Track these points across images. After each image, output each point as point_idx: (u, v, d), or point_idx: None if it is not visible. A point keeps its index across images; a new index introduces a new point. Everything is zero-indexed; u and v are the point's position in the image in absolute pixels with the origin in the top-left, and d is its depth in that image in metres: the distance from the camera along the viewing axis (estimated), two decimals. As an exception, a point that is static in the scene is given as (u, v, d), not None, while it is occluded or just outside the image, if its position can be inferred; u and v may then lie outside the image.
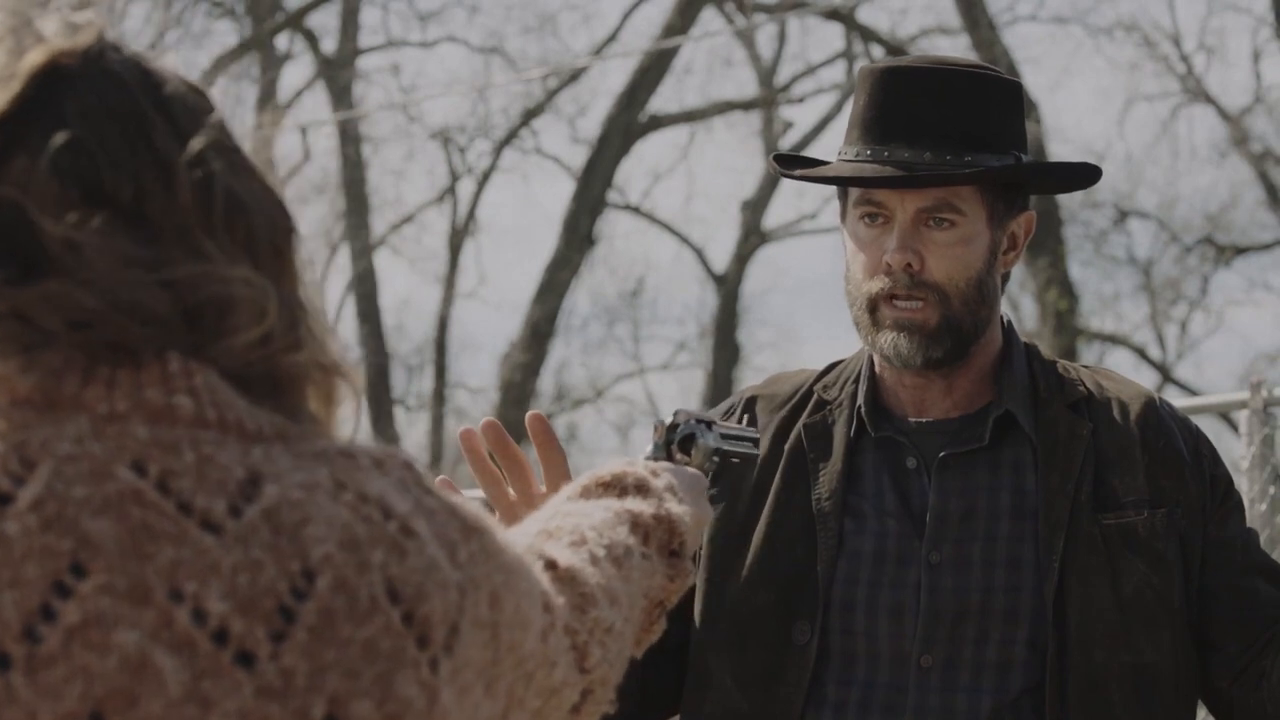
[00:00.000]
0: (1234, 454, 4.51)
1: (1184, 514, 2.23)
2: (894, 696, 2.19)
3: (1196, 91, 17.70)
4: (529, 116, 19.52)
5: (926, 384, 2.27)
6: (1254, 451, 4.52)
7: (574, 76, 19.08)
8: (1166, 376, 17.63)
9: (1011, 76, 2.33)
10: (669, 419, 1.86)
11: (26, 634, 0.93)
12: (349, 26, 19.32)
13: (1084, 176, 2.40)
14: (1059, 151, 16.81)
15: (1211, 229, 17.59)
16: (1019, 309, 15.90)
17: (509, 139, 19.66)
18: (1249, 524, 2.33)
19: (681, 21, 17.30)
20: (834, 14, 17.78)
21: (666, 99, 20.48)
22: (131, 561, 0.96)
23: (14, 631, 0.93)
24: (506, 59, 19.63)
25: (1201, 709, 2.28)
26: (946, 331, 2.21)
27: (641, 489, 1.55)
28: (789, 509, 2.27)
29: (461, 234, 19.76)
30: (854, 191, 2.24)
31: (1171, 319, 18.08)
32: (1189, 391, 16.68)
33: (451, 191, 19.91)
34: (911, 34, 18.04)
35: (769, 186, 18.59)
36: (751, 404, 2.37)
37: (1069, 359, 2.40)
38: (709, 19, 18.23)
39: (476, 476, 1.89)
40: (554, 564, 1.35)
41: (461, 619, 1.05)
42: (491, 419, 1.75)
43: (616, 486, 1.54)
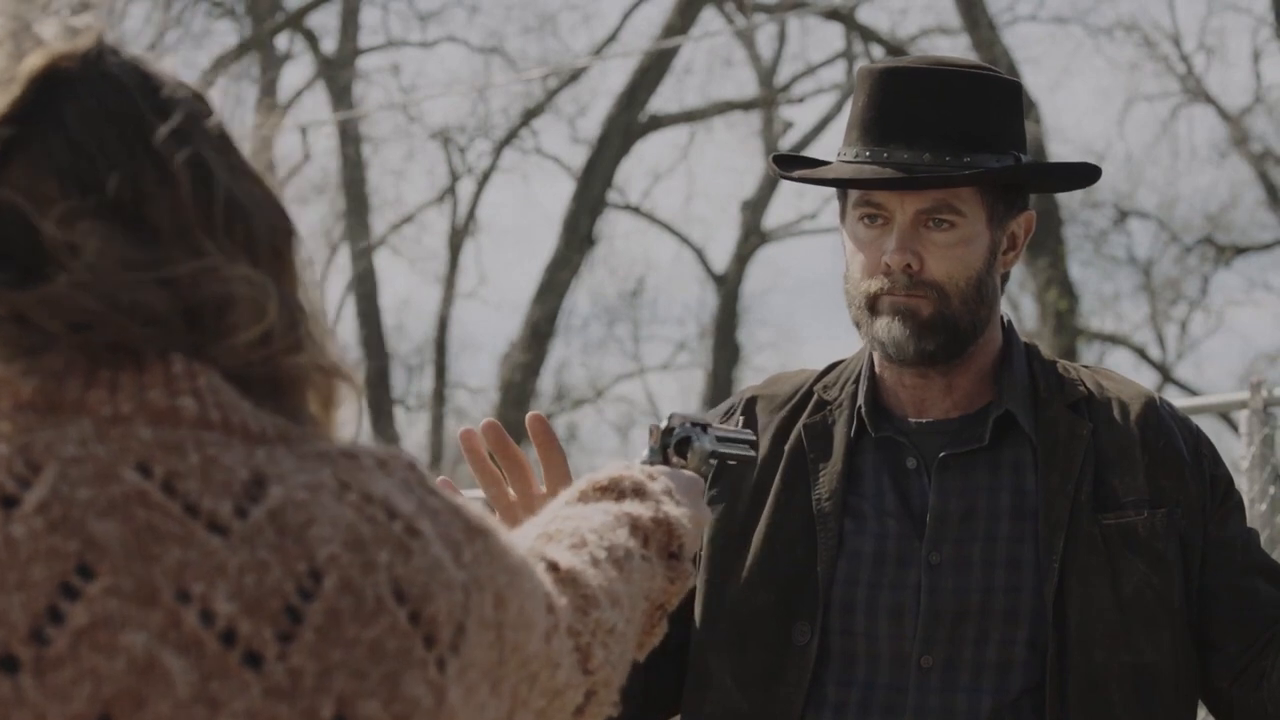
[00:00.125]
0: (1234, 454, 4.51)
1: (1184, 514, 2.23)
2: (894, 697, 2.19)
3: (1196, 91, 17.70)
4: (529, 116, 19.53)
5: (926, 384, 2.27)
6: (1254, 451, 4.52)
7: (574, 76, 19.08)
8: (1166, 376, 17.63)
9: (1011, 76, 2.33)
10: (664, 423, 1.86)
11: (34, 636, 0.93)
12: (349, 26, 19.32)
13: (1084, 176, 2.40)
14: (1059, 151, 16.83)
15: (1211, 229, 17.59)
16: (1019, 309, 15.90)
17: (509, 139, 19.67)
18: (1249, 524, 2.33)
19: (681, 21, 17.30)
20: (834, 14, 17.78)
21: (666, 99, 20.51)
22: (138, 563, 0.96)
23: (21, 634, 0.93)
24: (506, 59, 19.66)
25: (1202, 709, 2.28)
26: (942, 325, 2.21)
27: (639, 492, 1.55)
28: (789, 509, 2.27)
29: (461, 234, 19.76)
30: (853, 192, 2.24)
31: (1171, 319, 18.10)
32: (1189, 391, 16.68)
33: (451, 191, 19.92)
34: (911, 34, 18.05)
35: (769, 186, 18.59)
36: (751, 404, 2.37)
37: (1069, 359, 2.40)
38: (709, 19, 18.25)
39: (477, 477, 1.89)
40: (555, 566, 1.35)
41: (467, 619, 1.05)
42: (492, 419, 1.75)
43: (614, 490, 1.54)
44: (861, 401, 2.28)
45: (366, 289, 18.88)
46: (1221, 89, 24.18)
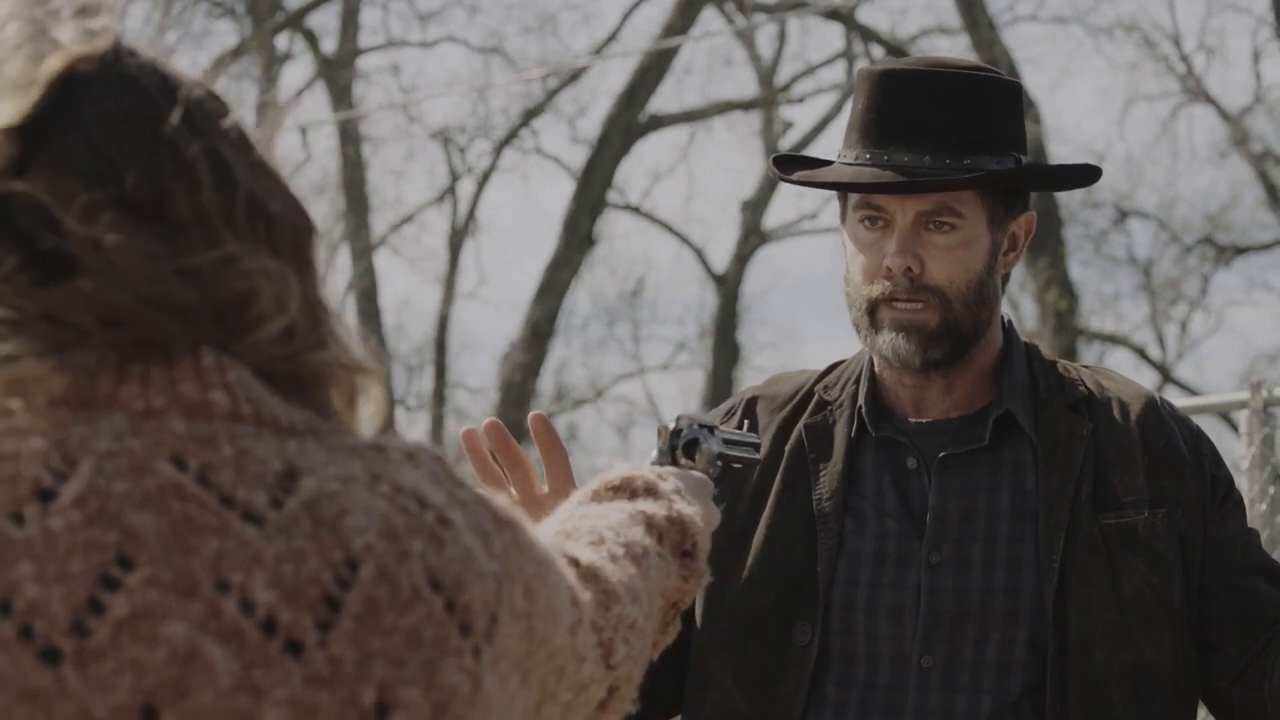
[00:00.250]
0: (1234, 454, 4.51)
1: (1184, 514, 2.23)
2: (894, 697, 2.19)
3: (1196, 91, 17.69)
4: (529, 116, 19.52)
5: (926, 384, 2.27)
6: (1254, 451, 4.52)
7: (574, 76, 19.07)
8: (1166, 376, 17.63)
9: (1010, 77, 2.33)
10: (672, 424, 1.88)
11: (75, 628, 0.93)
12: (349, 26, 19.32)
13: (1084, 176, 2.40)
14: (1059, 151, 16.82)
15: (1211, 229, 17.59)
16: (1019, 309, 15.90)
17: (509, 139, 19.66)
18: (1249, 524, 2.33)
19: (681, 21, 17.29)
20: (834, 14, 17.77)
21: (666, 99, 20.51)
22: (176, 554, 0.96)
23: (62, 626, 0.93)
24: (506, 59, 19.64)
25: (1202, 709, 2.28)
26: (946, 333, 2.21)
27: (651, 492, 1.56)
28: (789, 509, 2.27)
29: (461, 234, 19.75)
30: (854, 195, 2.24)
31: (1171, 319, 18.09)
32: (1189, 391, 16.68)
33: (451, 191, 19.90)
34: (911, 34, 18.04)
35: (769, 186, 18.58)
36: (752, 404, 2.37)
37: (1069, 359, 2.40)
38: (709, 19, 18.24)
39: (478, 476, 1.89)
40: (576, 562, 1.36)
41: (499, 608, 1.06)
42: (494, 419, 1.75)
43: (626, 490, 1.56)
44: (862, 402, 2.28)
45: (366, 289, 18.88)
46: (1221, 89, 24.23)
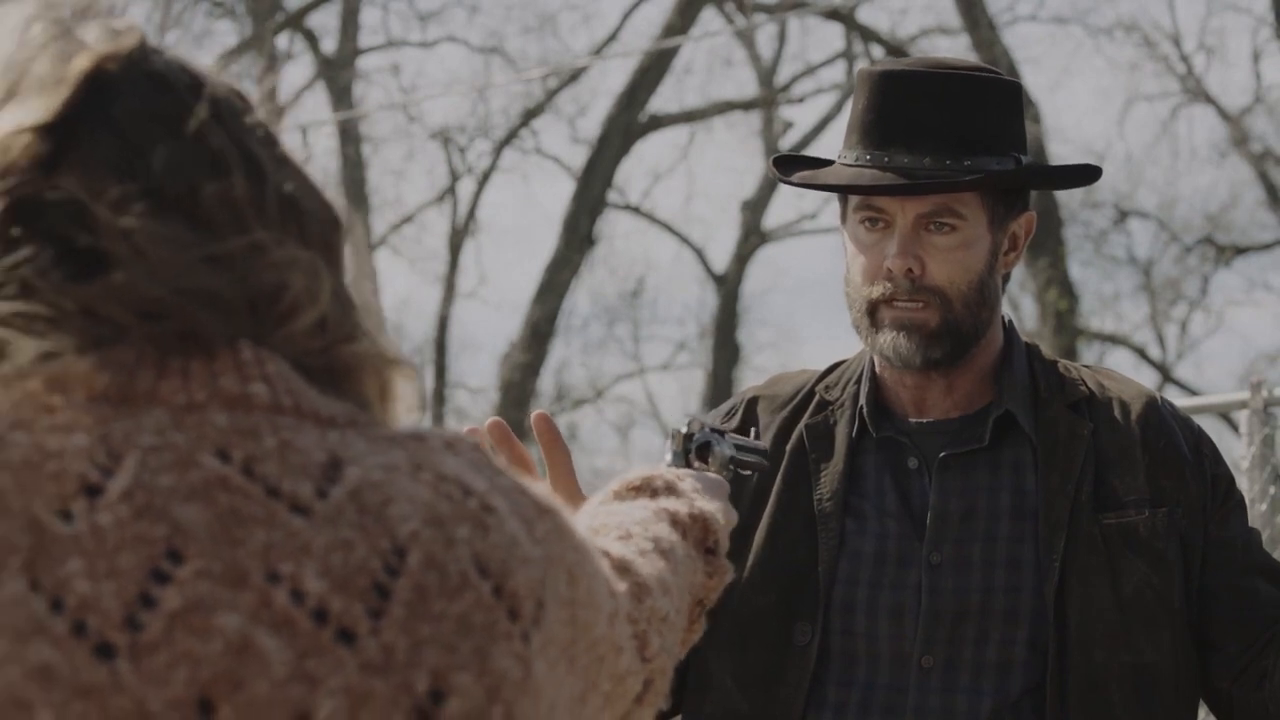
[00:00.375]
0: (1234, 454, 4.51)
1: (1185, 514, 2.23)
2: (894, 697, 2.19)
3: (1196, 91, 17.69)
4: (529, 116, 19.51)
5: (927, 384, 2.27)
6: (1254, 451, 4.52)
7: (574, 76, 19.07)
8: (1166, 376, 17.63)
9: (1010, 77, 2.33)
10: (684, 428, 1.90)
11: (128, 622, 0.93)
12: (349, 26, 19.32)
13: (1084, 176, 2.40)
14: (1059, 151, 16.82)
15: (1211, 229, 17.59)
16: (1019, 309, 15.90)
17: (509, 139, 19.66)
18: (1250, 524, 2.32)
19: (681, 21, 17.29)
20: (834, 14, 17.77)
21: (666, 99, 20.51)
22: (225, 546, 0.96)
23: (115, 621, 0.92)
24: (506, 59, 19.65)
25: (1204, 709, 2.28)
26: (947, 333, 2.21)
27: (671, 490, 1.57)
28: (790, 509, 2.27)
29: (461, 234, 19.75)
30: (854, 195, 2.24)
31: (1171, 319, 18.09)
32: (1189, 391, 16.68)
33: (451, 191, 19.90)
34: (911, 34, 18.04)
35: (769, 186, 18.58)
36: (753, 404, 2.37)
37: (1069, 359, 2.40)
38: (709, 19, 18.24)
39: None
40: (607, 554, 1.36)
41: (545, 594, 1.06)
42: (497, 418, 1.76)
43: (647, 489, 1.57)
44: (863, 402, 2.29)
45: (366, 289, 18.85)
46: (1221, 89, 24.22)
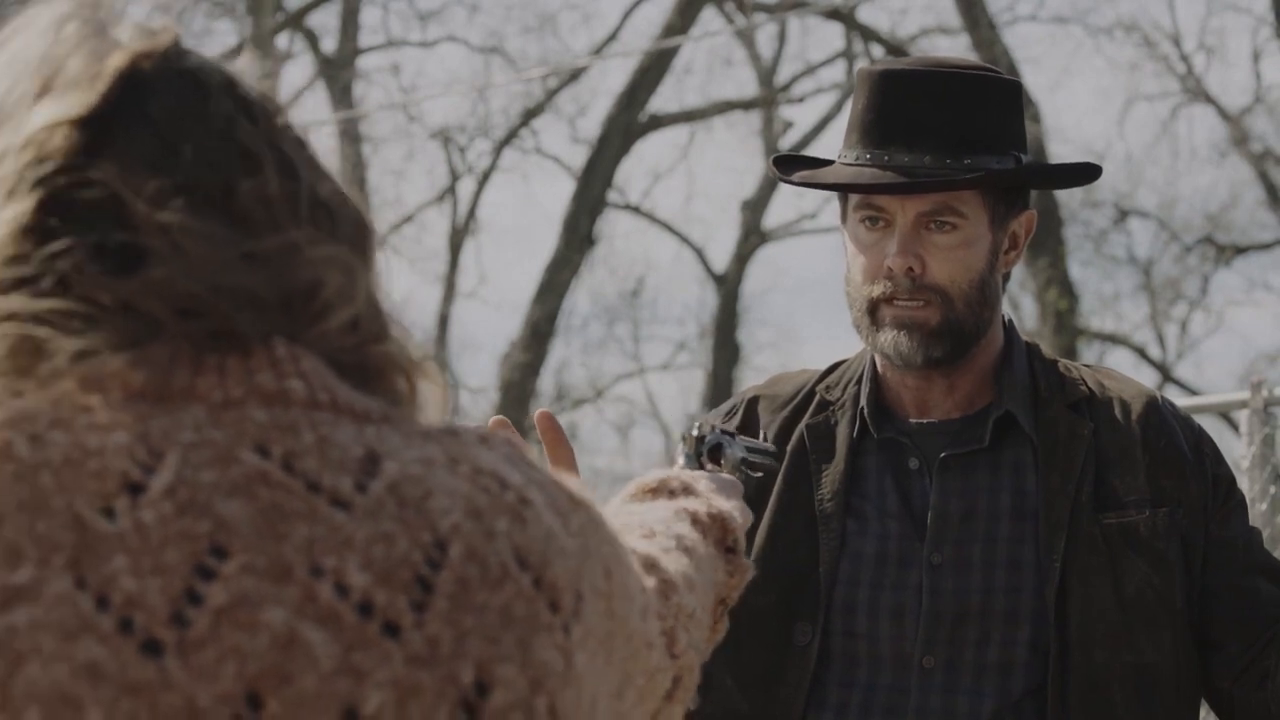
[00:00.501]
0: (1234, 453, 4.50)
1: (1185, 513, 2.23)
2: (896, 698, 2.19)
3: (1196, 91, 17.70)
4: (529, 116, 19.52)
5: (928, 384, 2.27)
6: (1254, 451, 4.52)
7: (574, 76, 19.07)
8: (1166, 376, 17.63)
9: (1010, 76, 2.33)
10: (695, 430, 1.91)
11: (175, 619, 0.93)
12: (349, 26, 19.32)
13: (1084, 175, 2.40)
14: (1059, 151, 16.82)
15: (1211, 229, 17.60)
16: (1019, 309, 15.91)
17: (509, 139, 19.66)
18: (1250, 523, 2.32)
19: (681, 21, 17.29)
20: (834, 13, 17.77)
21: (666, 99, 20.51)
22: (268, 541, 0.96)
23: (162, 617, 0.92)
24: (506, 59, 19.65)
25: (1205, 709, 2.28)
26: (948, 331, 2.21)
27: (688, 490, 1.58)
28: (791, 510, 2.27)
29: (461, 234, 19.76)
30: (854, 195, 2.24)
31: (1171, 319, 18.10)
32: (1189, 391, 16.68)
33: (451, 191, 19.91)
34: (911, 34, 18.05)
35: (769, 186, 18.58)
36: (754, 404, 2.37)
37: (1069, 359, 2.40)
38: (709, 19, 18.24)
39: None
40: (634, 551, 1.36)
41: (583, 586, 1.06)
42: (500, 416, 1.76)
43: (664, 490, 1.58)
44: (864, 403, 2.28)
45: (366, 289, 18.85)
46: (1221, 89, 24.22)
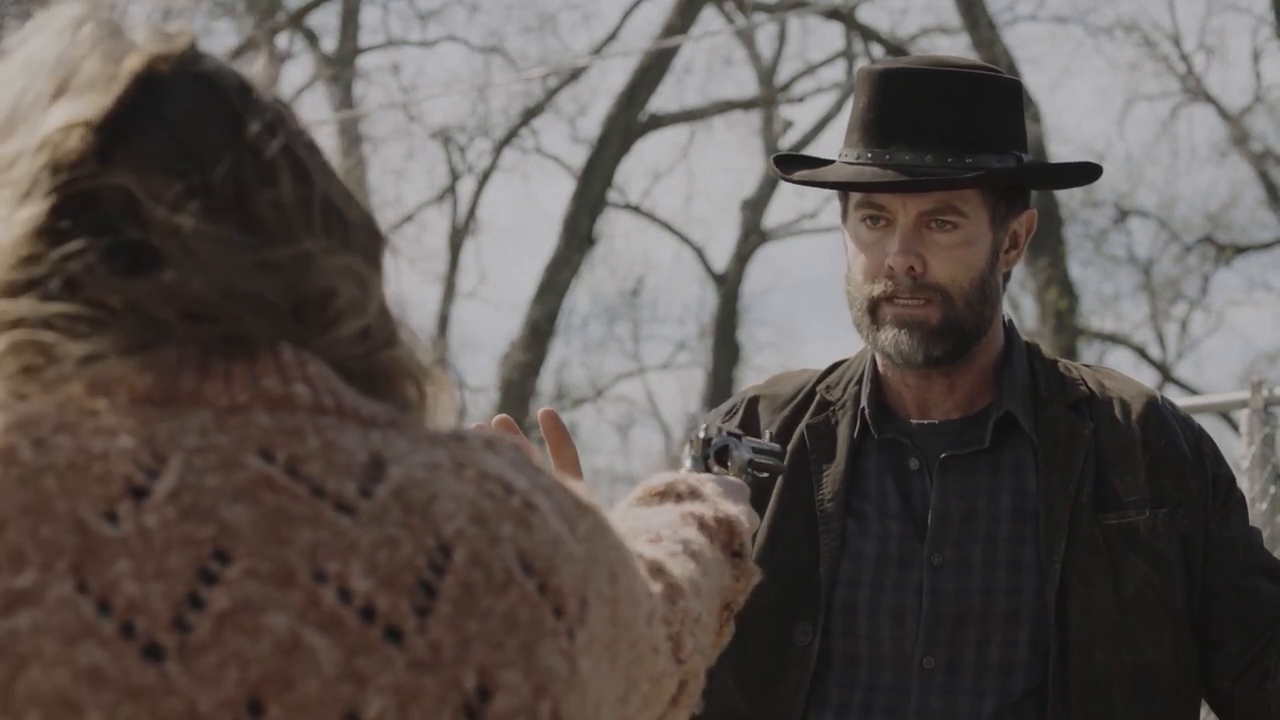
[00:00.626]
0: (1234, 453, 4.50)
1: (1185, 513, 2.23)
2: (897, 699, 2.19)
3: (1196, 91, 17.69)
4: (529, 116, 19.51)
5: (929, 384, 2.27)
6: (1254, 451, 4.52)
7: (574, 76, 19.07)
8: (1166, 376, 17.63)
9: (1011, 76, 2.33)
10: (702, 433, 1.91)
11: (177, 623, 0.93)
12: (349, 26, 19.32)
13: (1084, 174, 2.40)
14: (1059, 151, 16.82)
15: (1211, 228, 17.59)
16: (1019, 308, 15.90)
17: (509, 138, 19.65)
18: (1250, 523, 2.32)
19: (681, 21, 17.29)
20: (834, 13, 17.76)
21: (666, 98, 20.50)
22: (272, 545, 0.96)
23: (164, 622, 0.92)
24: (506, 58, 19.64)
25: (1206, 709, 2.28)
26: (948, 330, 2.21)
27: (695, 494, 1.58)
28: (792, 510, 2.27)
29: (461, 233, 19.75)
30: (855, 194, 2.24)
31: (1171, 318, 18.09)
32: (1189, 391, 16.68)
33: (451, 191, 19.90)
34: (911, 33, 18.04)
35: (769, 186, 18.58)
36: (754, 404, 2.37)
37: (1069, 359, 2.40)
38: (709, 18, 18.23)
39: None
40: (640, 556, 1.36)
41: (588, 591, 1.06)
42: (505, 415, 1.76)
43: (671, 494, 1.58)
44: (865, 403, 2.28)
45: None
46: (1221, 88, 24.23)
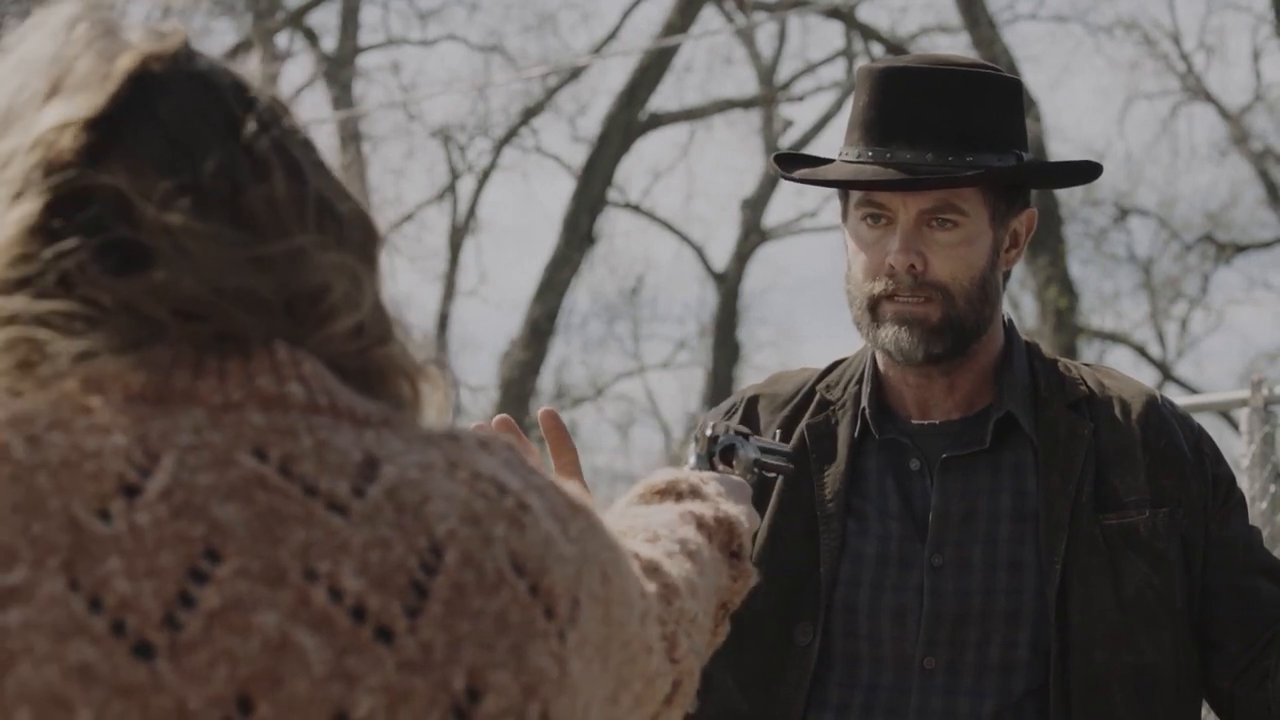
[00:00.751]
0: (1234, 452, 4.50)
1: (1185, 513, 2.22)
2: (897, 699, 2.19)
3: (1196, 90, 17.69)
4: (529, 115, 19.50)
5: (929, 384, 2.27)
6: (1254, 450, 4.52)
7: (574, 75, 19.07)
8: (1167, 375, 17.63)
9: (1011, 75, 2.33)
10: (708, 430, 1.90)
11: (167, 621, 0.93)
12: (349, 25, 19.31)
13: (1085, 173, 2.39)
14: (1059, 150, 16.82)
15: (1211, 227, 17.59)
16: (1019, 307, 15.90)
17: (509, 137, 19.65)
18: (1250, 522, 2.32)
19: (681, 20, 17.28)
20: (834, 12, 17.76)
21: (666, 97, 20.50)
22: (263, 544, 0.96)
23: (154, 620, 0.93)
24: (506, 57, 19.63)
25: (1206, 709, 2.28)
26: (948, 328, 2.21)
27: (696, 494, 1.58)
28: (792, 510, 2.27)
29: (461, 232, 19.75)
30: (856, 192, 2.24)
31: (1171, 317, 18.09)
32: (1189, 390, 16.68)
33: (451, 190, 19.89)
34: (911, 32, 18.04)
35: (769, 185, 18.58)
36: (753, 403, 2.36)
37: (1069, 357, 2.40)
38: (709, 17, 18.23)
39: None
40: (637, 556, 1.36)
41: (580, 592, 1.06)
42: (504, 415, 1.76)
43: (672, 492, 1.58)
44: (865, 403, 2.28)
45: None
46: (1221, 87, 24.23)
